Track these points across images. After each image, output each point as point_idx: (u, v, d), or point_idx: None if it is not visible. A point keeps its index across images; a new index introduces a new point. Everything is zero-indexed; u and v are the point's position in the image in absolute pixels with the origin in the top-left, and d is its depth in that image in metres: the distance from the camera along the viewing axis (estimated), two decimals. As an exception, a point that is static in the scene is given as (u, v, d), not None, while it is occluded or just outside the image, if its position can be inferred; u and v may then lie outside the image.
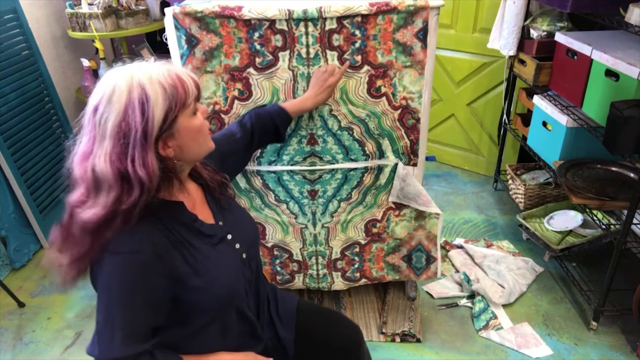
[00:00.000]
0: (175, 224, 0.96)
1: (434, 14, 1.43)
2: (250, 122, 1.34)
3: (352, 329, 1.32)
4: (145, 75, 0.86)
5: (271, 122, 1.38)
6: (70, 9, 2.54)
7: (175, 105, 0.88)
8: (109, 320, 0.88)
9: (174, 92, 0.87)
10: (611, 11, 1.74)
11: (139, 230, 0.89)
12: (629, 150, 1.58)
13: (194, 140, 0.94)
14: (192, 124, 0.92)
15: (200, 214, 1.03)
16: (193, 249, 0.97)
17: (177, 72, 0.89)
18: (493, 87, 2.74)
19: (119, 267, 0.87)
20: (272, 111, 1.38)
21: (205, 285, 0.96)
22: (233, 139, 1.29)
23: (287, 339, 1.22)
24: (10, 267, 2.31)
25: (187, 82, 0.90)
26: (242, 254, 1.08)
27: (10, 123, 2.25)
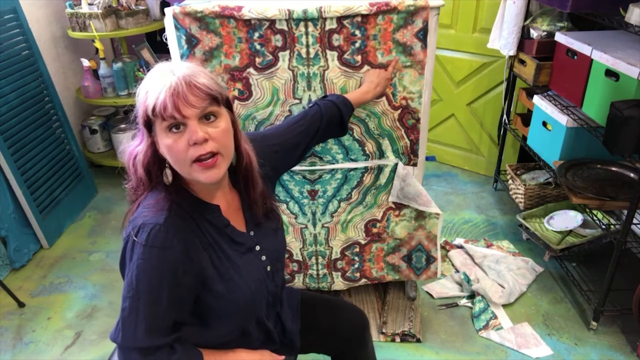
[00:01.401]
0: (208, 225, 0.97)
1: (434, 14, 1.43)
2: (319, 112, 1.30)
3: (355, 314, 1.33)
4: (154, 72, 0.89)
5: (337, 112, 1.34)
6: (70, 9, 2.55)
7: (145, 110, 0.87)
8: (133, 310, 0.90)
9: (148, 97, 0.86)
10: (611, 11, 1.74)
11: (173, 227, 0.90)
12: (629, 150, 1.58)
13: (167, 155, 0.90)
14: (163, 139, 0.88)
15: (233, 220, 1.03)
16: (222, 253, 0.98)
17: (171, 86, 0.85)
18: (493, 87, 2.74)
19: (149, 260, 0.89)
20: (337, 101, 1.35)
21: (226, 291, 0.97)
22: (297, 132, 1.24)
23: (294, 332, 1.22)
24: (10, 267, 2.31)
25: (161, 100, 0.84)
26: (267, 266, 1.08)
27: (10, 123, 2.25)
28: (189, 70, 0.88)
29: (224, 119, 0.93)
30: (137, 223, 0.91)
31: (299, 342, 1.23)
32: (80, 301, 2.12)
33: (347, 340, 1.29)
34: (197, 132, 0.87)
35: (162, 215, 0.90)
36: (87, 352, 1.87)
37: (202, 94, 0.87)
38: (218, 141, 0.90)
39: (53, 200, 2.52)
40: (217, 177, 0.92)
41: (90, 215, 2.74)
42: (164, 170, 0.94)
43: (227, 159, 0.94)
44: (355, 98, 1.41)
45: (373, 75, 1.46)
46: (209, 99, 0.88)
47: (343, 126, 1.38)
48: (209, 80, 0.90)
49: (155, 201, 0.92)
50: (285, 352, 1.21)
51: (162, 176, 0.94)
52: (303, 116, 1.28)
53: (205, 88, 0.88)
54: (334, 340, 1.29)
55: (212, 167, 0.90)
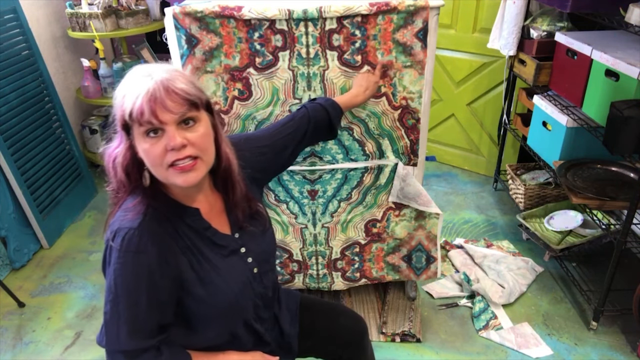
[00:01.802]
0: (187, 229, 0.96)
1: (434, 14, 1.43)
2: (307, 115, 1.28)
3: (355, 320, 1.33)
4: (132, 74, 0.88)
5: (326, 116, 1.32)
6: (70, 9, 2.55)
7: (122, 114, 0.86)
8: (114, 313, 0.91)
9: (125, 102, 0.85)
10: (611, 11, 1.74)
11: (147, 231, 0.90)
12: (629, 150, 1.58)
13: (145, 158, 0.89)
14: (140, 142, 0.87)
15: (216, 223, 1.02)
16: (201, 257, 0.97)
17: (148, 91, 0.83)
18: (493, 87, 2.74)
19: (125, 265, 0.89)
20: (326, 104, 1.33)
21: (207, 295, 0.97)
22: (284, 134, 1.22)
23: (292, 335, 1.22)
24: (10, 267, 2.31)
25: (138, 105, 0.83)
26: (254, 268, 1.07)
27: (10, 123, 2.25)
28: (167, 74, 0.87)
29: (204, 123, 0.91)
30: (114, 227, 0.91)
31: (297, 345, 1.23)
32: (80, 301, 2.12)
33: (345, 346, 1.29)
34: (175, 138, 0.85)
35: (137, 219, 0.90)
36: (87, 352, 1.87)
37: (181, 99, 0.86)
38: (197, 146, 0.89)
39: (53, 200, 2.52)
40: (195, 180, 0.90)
41: (90, 215, 2.74)
42: (143, 172, 0.93)
43: (207, 162, 0.93)
44: (344, 102, 1.40)
45: (362, 79, 1.45)
46: (187, 105, 0.87)
47: (332, 129, 1.36)
48: (187, 85, 0.88)
49: (132, 205, 0.92)
50: (283, 355, 1.21)
51: (141, 178, 0.93)
52: (291, 119, 1.27)
53: (184, 93, 0.86)
54: (333, 346, 1.28)
55: (190, 170, 0.89)
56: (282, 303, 1.24)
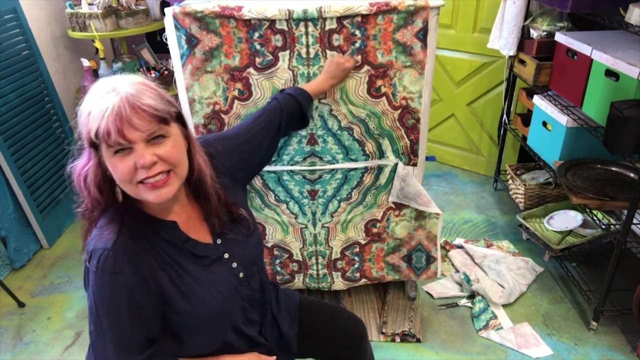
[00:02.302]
0: (164, 244, 0.94)
1: (434, 14, 1.43)
2: (279, 106, 1.29)
3: (354, 322, 1.32)
4: (95, 89, 0.84)
5: (297, 105, 1.33)
6: (70, 9, 2.54)
7: (88, 133, 0.83)
8: (99, 333, 0.90)
9: (90, 121, 0.82)
10: (611, 11, 1.74)
11: (122, 251, 0.88)
12: (629, 150, 1.58)
13: (114, 175, 0.86)
14: (108, 160, 0.85)
15: (196, 233, 1.00)
16: (181, 270, 0.95)
17: (113, 109, 0.80)
18: (493, 87, 2.74)
19: (102, 286, 0.88)
20: (295, 94, 1.34)
21: (190, 308, 0.95)
22: (259, 129, 1.22)
23: (291, 336, 1.22)
24: (10, 267, 2.31)
25: (104, 125, 0.80)
26: (239, 273, 1.06)
27: (10, 123, 2.25)
28: (133, 89, 0.83)
29: (174, 137, 0.89)
30: (89, 248, 0.89)
31: (296, 346, 1.22)
32: (80, 301, 2.12)
33: (345, 348, 1.28)
34: (144, 156, 0.83)
35: (112, 239, 0.88)
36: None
37: (148, 116, 0.82)
38: (168, 161, 0.87)
39: (53, 200, 2.52)
40: (169, 196, 0.88)
41: (90, 215, 2.74)
42: (115, 188, 0.90)
43: (180, 176, 0.91)
44: (313, 89, 1.40)
45: (331, 65, 1.43)
46: (156, 121, 0.84)
47: (304, 118, 1.37)
48: (155, 100, 0.84)
49: (106, 223, 0.90)
50: (282, 355, 1.21)
51: (114, 194, 0.91)
52: (262, 112, 1.26)
53: (152, 110, 0.83)
54: (332, 347, 1.28)
55: (163, 186, 0.87)
56: (281, 304, 1.24)
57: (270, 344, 1.19)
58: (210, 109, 1.56)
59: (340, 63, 1.42)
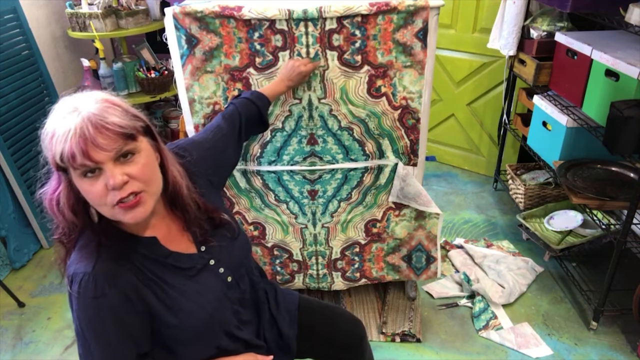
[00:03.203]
0: (146, 261, 0.92)
1: (434, 14, 1.43)
2: (236, 111, 1.29)
3: (353, 324, 1.32)
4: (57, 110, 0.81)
5: (255, 109, 1.34)
6: (70, 9, 2.54)
7: (53, 157, 0.80)
8: (88, 355, 0.88)
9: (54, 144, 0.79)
10: (611, 11, 1.74)
11: (102, 274, 0.86)
12: (629, 150, 1.58)
13: (86, 198, 0.84)
14: (78, 183, 0.82)
15: (178, 244, 0.98)
16: (166, 285, 0.94)
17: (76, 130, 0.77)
18: (493, 87, 2.74)
19: (86, 311, 0.86)
20: (252, 97, 1.34)
21: (179, 322, 0.94)
22: (221, 134, 1.22)
23: (290, 336, 1.21)
24: (10, 267, 2.31)
25: (68, 148, 0.77)
26: (227, 277, 1.04)
27: (10, 123, 2.25)
28: (95, 107, 0.80)
29: (144, 153, 0.86)
30: (70, 272, 0.87)
31: (295, 346, 1.22)
32: (80, 301, 2.12)
33: (344, 349, 1.28)
34: (114, 176, 0.80)
35: (91, 262, 0.86)
36: (87, 352, 1.87)
37: (114, 134, 0.79)
38: (139, 179, 0.84)
39: (53, 200, 2.51)
40: (144, 215, 0.86)
41: (90, 215, 2.74)
42: (89, 209, 0.87)
43: (154, 193, 0.88)
44: (269, 92, 1.40)
45: (286, 68, 1.43)
46: (122, 139, 0.81)
47: (263, 120, 1.38)
48: (119, 117, 0.81)
49: (84, 244, 0.88)
50: (281, 355, 1.20)
51: (88, 217, 0.88)
52: (222, 117, 1.26)
53: (116, 127, 0.80)
54: (331, 349, 1.28)
55: (136, 206, 0.84)
56: (281, 304, 1.24)
57: (269, 344, 1.19)
58: (210, 109, 1.56)
59: (295, 66, 1.41)
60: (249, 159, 1.64)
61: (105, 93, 0.86)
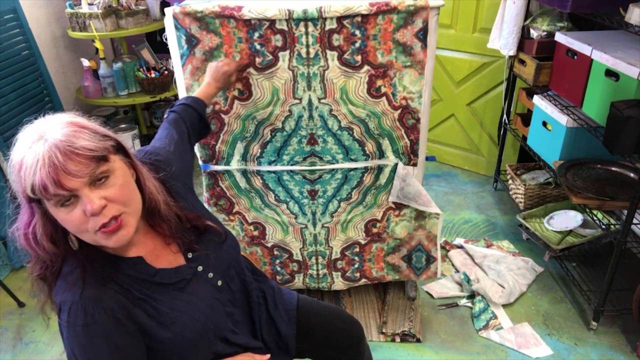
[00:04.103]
0: (133, 281, 0.91)
1: (434, 14, 1.43)
2: (180, 118, 1.27)
3: (352, 325, 1.32)
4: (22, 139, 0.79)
5: (195, 113, 1.32)
6: (70, 9, 2.55)
7: (24, 190, 0.77)
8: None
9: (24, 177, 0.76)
10: (611, 11, 1.74)
11: (90, 300, 0.84)
12: (629, 150, 1.58)
13: (66, 227, 0.81)
14: (55, 213, 0.79)
15: (165, 258, 0.97)
16: (156, 303, 0.92)
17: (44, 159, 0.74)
18: (493, 87, 2.74)
19: (77, 339, 0.84)
20: (190, 103, 1.32)
21: (173, 335, 0.93)
22: (175, 141, 1.19)
23: (288, 336, 1.21)
24: (10, 267, 2.31)
25: (38, 179, 0.74)
26: (217, 281, 1.03)
27: (10, 123, 2.25)
28: (61, 133, 0.76)
29: (119, 173, 0.83)
30: (57, 301, 0.86)
31: (294, 346, 1.22)
32: (80, 301, 2.12)
33: (342, 350, 1.28)
34: (92, 202, 0.77)
35: (77, 289, 0.84)
36: (87, 352, 1.87)
37: (84, 159, 0.76)
38: (118, 201, 0.81)
39: (53, 200, 2.51)
40: (127, 237, 0.84)
41: (90, 215, 2.73)
42: (68, 236, 0.85)
43: (134, 213, 0.86)
44: (202, 95, 1.38)
45: (211, 70, 1.41)
46: (94, 163, 0.78)
47: (205, 123, 1.37)
48: (89, 140, 0.78)
49: (68, 271, 0.86)
50: (280, 355, 1.20)
51: (68, 245, 0.86)
52: (168, 126, 1.23)
53: (87, 152, 0.77)
54: (329, 349, 1.28)
55: (119, 229, 0.82)
56: (279, 304, 1.23)
57: (267, 344, 1.18)
58: (210, 109, 1.56)
59: (218, 67, 1.41)
60: (249, 159, 1.65)
61: (70, 115, 0.83)
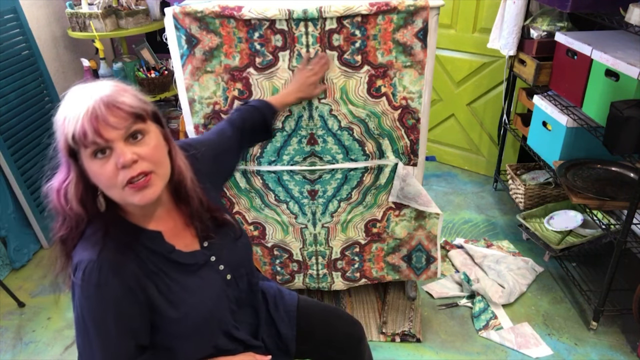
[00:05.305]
0: (150, 254, 0.93)
1: (434, 14, 1.43)
2: (241, 117, 1.30)
3: (352, 325, 1.32)
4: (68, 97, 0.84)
5: (260, 117, 1.35)
6: (70, 9, 2.54)
7: (65, 139, 0.82)
8: (87, 344, 0.89)
9: (66, 125, 0.82)
10: (611, 11, 1.74)
11: (107, 262, 0.87)
12: (629, 150, 1.58)
13: (97, 182, 0.85)
14: (89, 166, 0.84)
15: (182, 240, 0.99)
16: (169, 279, 0.94)
17: (88, 110, 0.80)
18: (493, 87, 2.74)
19: (88, 299, 0.87)
20: (259, 106, 1.36)
21: (180, 315, 0.94)
22: (225, 137, 1.23)
23: (289, 337, 1.21)
24: (10, 267, 2.31)
25: (80, 126, 0.80)
26: (227, 275, 1.05)
27: (10, 123, 2.25)
28: (107, 90, 0.83)
29: (153, 136, 0.88)
30: (75, 261, 0.88)
31: (294, 347, 1.22)
32: (80, 301, 2.12)
33: (342, 351, 1.28)
34: (124, 154, 0.82)
35: (96, 250, 0.87)
36: (87, 352, 1.87)
37: (124, 113, 0.82)
38: (149, 160, 0.85)
39: (53, 200, 2.51)
40: (153, 196, 0.87)
41: (90, 215, 2.74)
42: (97, 198, 0.89)
43: (163, 176, 0.90)
44: (278, 101, 1.41)
45: (299, 80, 1.44)
46: (131, 118, 0.83)
47: (268, 129, 1.39)
48: (130, 99, 0.85)
49: (90, 234, 0.89)
50: (280, 356, 1.20)
51: (96, 207, 0.89)
52: (227, 122, 1.27)
53: (127, 107, 0.83)
54: (330, 350, 1.28)
55: (146, 187, 0.85)
56: (279, 305, 1.23)
57: (267, 345, 1.18)
58: (210, 109, 1.56)
59: (306, 78, 1.43)
60: (249, 159, 1.65)
61: (117, 81, 0.89)
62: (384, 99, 1.54)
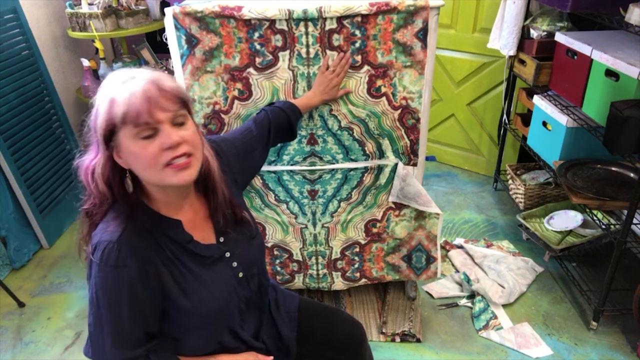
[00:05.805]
0: (168, 241, 0.95)
1: (434, 14, 1.43)
2: (267, 117, 1.32)
3: (353, 326, 1.32)
4: (113, 79, 0.87)
5: (285, 118, 1.37)
6: (70, 9, 2.54)
7: (111, 119, 0.84)
8: (98, 325, 0.90)
9: (115, 106, 0.83)
10: (611, 11, 1.74)
11: (127, 244, 0.89)
12: (629, 150, 1.58)
13: (135, 163, 0.88)
14: (130, 146, 0.85)
15: (200, 232, 1.01)
16: (184, 268, 0.96)
17: (141, 91, 0.83)
18: (493, 87, 2.74)
19: (105, 279, 0.88)
20: (284, 107, 1.38)
21: (191, 305, 0.96)
22: (251, 136, 1.25)
23: (289, 338, 1.21)
24: (10, 267, 2.31)
25: (134, 106, 0.82)
26: (239, 272, 1.06)
27: (10, 123, 2.25)
28: (153, 74, 0.87)
29: (191, 123, 0.92)
30: (95, 241, 0.90)
31: (294, 348, 1.22)
32: (80, 301, 2.12)
33: (343, 352, 1.28)
34: (172, 135, 0.85)
35: (117, 232, 0.89)
36: (87, 352, 1.87)
37: (173, 97, 0.86)
38: (191, 143, 0.89)
39: (53, 200, 2.51)
40: (190, 178, 0.90)
41: (90, 215, 2.73)
42: (125, 180, 0.92)
43: (199, 161, 0.93)
44: (302, 104, 1.43)
45: (322, 82, 1.46)
46: (179, 103, 0.88)
47: (292, 131, 1.41)
48: (175, 84, 0.89)
49: (113, 217, 0.91)
50: (280, 357, 1.20)
51: (122, 189, 0.92)
52: (254, 122, 1.29)
53: (174, 91, 0.87)
54: (331, 351, 1.28)
55: (186, 168, 0.88)
56: (281, 306, 1.24)
57: (268, 346, 1.18)
58: (210, 109, 1.56)
59: (330, 80, 1.45)
60: (249, 159, 1.64)
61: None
62: (384, 99, 1.54)
